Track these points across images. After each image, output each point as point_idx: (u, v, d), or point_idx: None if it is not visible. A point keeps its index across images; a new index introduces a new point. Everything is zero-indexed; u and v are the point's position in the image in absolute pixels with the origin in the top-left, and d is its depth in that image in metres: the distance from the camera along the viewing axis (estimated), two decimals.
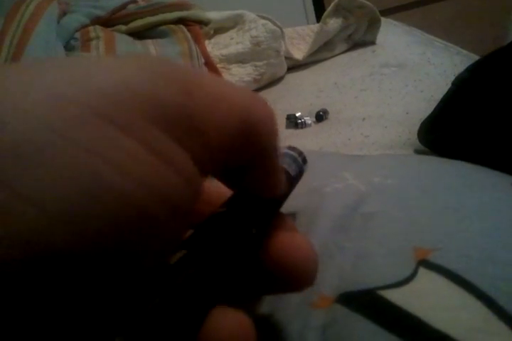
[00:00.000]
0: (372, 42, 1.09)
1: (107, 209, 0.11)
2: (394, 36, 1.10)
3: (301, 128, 0.77)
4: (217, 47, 1.01)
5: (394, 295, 0.24)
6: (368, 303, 0.24)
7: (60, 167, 0.11)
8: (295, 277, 0.19)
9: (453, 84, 0.56)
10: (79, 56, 0.84)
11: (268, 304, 0.27)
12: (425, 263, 0.25)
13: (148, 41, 0.98)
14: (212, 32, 1.06)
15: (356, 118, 0.75)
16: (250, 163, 0.17)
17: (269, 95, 0.96)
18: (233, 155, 0.16)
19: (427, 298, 0.23)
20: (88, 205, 0.11)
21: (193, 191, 0.14)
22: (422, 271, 0.25)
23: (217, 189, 0.20)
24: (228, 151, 0.15)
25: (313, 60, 1.06)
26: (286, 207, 0.23)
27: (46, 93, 0.11)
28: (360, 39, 1.09)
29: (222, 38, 1.03)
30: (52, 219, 0.10)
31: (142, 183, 0.12)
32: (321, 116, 0.77)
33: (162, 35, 0.99)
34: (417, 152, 0.61)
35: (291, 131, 0.77)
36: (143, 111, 0.12)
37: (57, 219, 0.10)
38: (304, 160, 0.27)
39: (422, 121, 0.60)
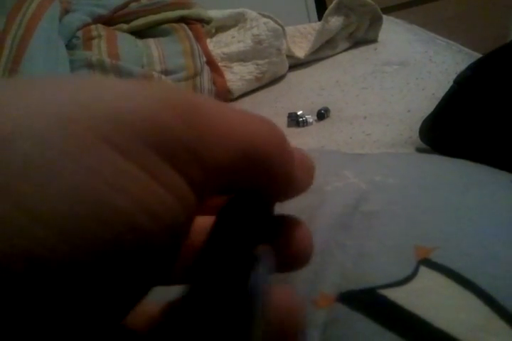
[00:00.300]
0: (374, 41, 1.08)
1: (106, 226, 0.12)
2: (396, 34, 1.10)
3: (303, 126, 0.77)
4: (218, 45, 1.01)
5: (395, 294, 0.24)
6: (368, 302, 0.24)
7: (61, 183, 0.11)
8: (298, 260, 0.20)
9: (455, 82, 0.56)
10: (87, 74, 0.85)
11: None
12: (426, 262, 0.25)
13: (150, 40, 0.98)
14: (213, 30, 1.06)
15: (358, 116, 0.75)
16: (264, 187, 0.17)
17: (270, 93, 0.96)
18: (239, 182, 0.16)
19: (428, 297, 0.23)
20: (88, 221, 0.11)
21: (189, 214, 0.14)
22: (423, 270, 0.25)
23: None
24: (232, 179, 0.16)
25: (314, 58, 1.06)
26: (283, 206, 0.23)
27: (53, 113, 0.12)
28: (362, 37, 1.09)
29: (223, 37, 1.03)
30: (52, 232, 0.11)
31: (141, 204, 0.12)
32: (322, 115, 0.77)
33: (164, 34, 0.99)
34: (419, 150, 0.61)
35: (293, 129, 0.77)
36: (143, 137, 0.13)
37: (57, 232, 0.11)
38: None
39: (423, 119, 0.60)
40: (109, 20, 1.01)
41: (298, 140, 0.72)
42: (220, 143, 0.14)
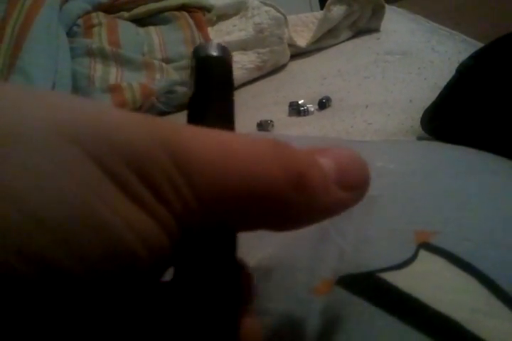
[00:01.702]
0: (377, 30, 1.08)
1: (94, 233, 0.13)
2: (398, 24, 1.09)
3: (304, 115, 0.77)
4: (219, 34, 1.00)
5: (394, 278, 0.24)
6: (368, 285, 0.24)
7: (53, 189, 0.12)
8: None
9: (457, 71, 0.56)
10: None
11: (272, 296, 0.27)
12: (426, 246, 0.25)
13: (151, 28, 0.98)
14: (215, 19, 1.06)
15: (359, 105, 0.75)
16: (271, 222, 0.17)
17: (272, 83, 0.96)
18: (234, 218, 0.16)
19: (427, 280, 0.23)
20: (78, 226, 0.12)
21: (171, 239, 0.15)
22: (423, 254, 0.25)
23: None
24: (223, 215, 0.15)
25: (316, 47, 1.05)
26: None
27: (54, 129, 0.13)
28: (364, 26, 1.08)
29: (224, 25, 1.03)
30: (46, 233, 0.12)
31: (126, 221, 0.13)
32: (323, 104, 0.77)
33: (165, 22, 0.98)
34: (420, 139, 0.61)
35: (294, 118, 0.77)
36: (131, 165, 0.13)
37: (49, 233, 0.12)
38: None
39: (425, 108, 0.60)
40: (110, 8, 1.00)
41: (299, 129, 0.72)
42: (205, 180, 0.14)
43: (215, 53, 0.20)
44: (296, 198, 0.15)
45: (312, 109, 0.77)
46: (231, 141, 0.15)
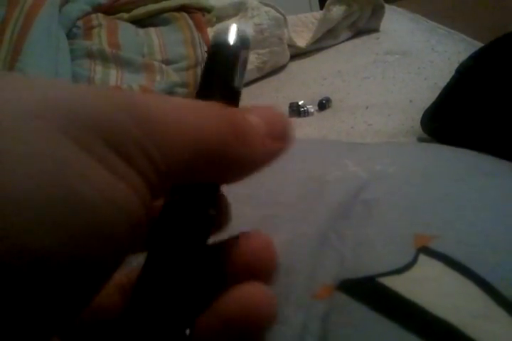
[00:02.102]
0: (376, 30, 1.08)
1: (75, 209, 0.13)
2: (398, 23, 1.09)
3: (304, 116, 0.77)
4: None
5: (394, 282, 0.24)
6: (367, 290, 0.24)
7: (32, 171, 0.12)
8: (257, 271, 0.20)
9: (456, 71, 0.56)
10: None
11: None
12: (425, 250, 0.25)
13: (151, 29, 0.97)
14: (214, 19, 1.05)
15: (359, 106, 0.75)
16: (223, 174, 0.18)
17: (271, 83, 0.96)
18: (194, 176, 0.17)
19: (426, 285, 0.24)
20: (58, 205, 0.12)
21: (146, 208, 0.15)
22: (422, 258, 0.25)
23: None
24: (186, 175, 0.16)
25: (316, 47, 1.05)
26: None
27: (20, 109, 0.13)
28: (363, 26, 1.08)
29: None
30: (29, 216, 0.12)
31: (102, 192, 0.13)
32: (323, 105, 0.77)
33: (164, 23, 0.98)
34: (420, 140, 0.61)
35: (294, 119, 0.77)
36: (100, 134, 0.14)
37: (33, 216, 0.12)
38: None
39: (425, 109, 0.60)
40: (110, 9, 1.00)
41: (299, 130, 0.72)
42: (168, 141, 0.15)
43: (223, 41, 0.20)
44: (239, 150, 0.17)
45: (312, 110, 0.77)
46: (185, 104, 0.17)
